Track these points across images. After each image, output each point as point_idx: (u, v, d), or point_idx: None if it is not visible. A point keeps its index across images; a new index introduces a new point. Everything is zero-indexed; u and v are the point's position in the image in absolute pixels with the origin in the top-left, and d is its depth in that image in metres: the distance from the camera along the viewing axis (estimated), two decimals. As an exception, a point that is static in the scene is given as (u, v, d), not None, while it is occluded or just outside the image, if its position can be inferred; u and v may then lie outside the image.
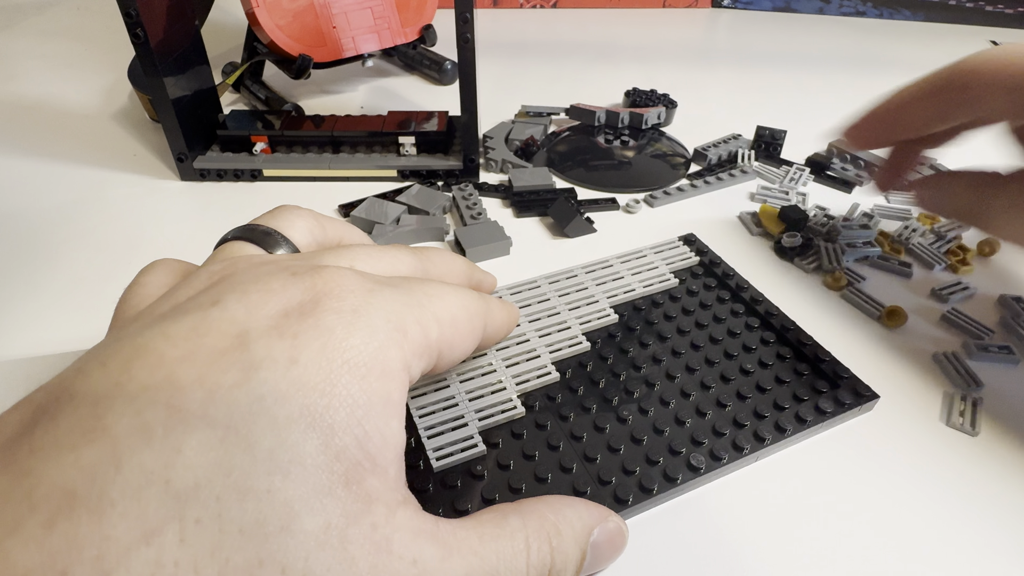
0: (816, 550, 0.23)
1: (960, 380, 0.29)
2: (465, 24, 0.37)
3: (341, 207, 0.40)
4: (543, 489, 0.23)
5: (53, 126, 0.50)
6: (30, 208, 0.41)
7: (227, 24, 0.66)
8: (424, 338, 0.19)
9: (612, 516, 0.21)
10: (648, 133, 0.48)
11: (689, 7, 0.76)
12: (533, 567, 0.18)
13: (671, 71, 0.61)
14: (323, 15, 0.48)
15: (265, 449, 0.15)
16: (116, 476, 0.14)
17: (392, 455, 0.17)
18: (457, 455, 0.24)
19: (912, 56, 0.64)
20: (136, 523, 0.13)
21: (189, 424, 0.14)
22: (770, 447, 0.25)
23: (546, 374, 0.27)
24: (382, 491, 0.16)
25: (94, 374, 0.15)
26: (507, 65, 0.61)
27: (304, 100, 0.54)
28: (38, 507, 0.13)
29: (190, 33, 0.42)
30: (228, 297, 0.17)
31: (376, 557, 0.15)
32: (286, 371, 0.16)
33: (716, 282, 0.33)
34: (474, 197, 0.40)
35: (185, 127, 0.41)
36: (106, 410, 0.14)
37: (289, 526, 0.14)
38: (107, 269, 0.36)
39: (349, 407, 0.16)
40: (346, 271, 0.19)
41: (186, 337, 0.16)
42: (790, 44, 0.67)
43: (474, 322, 0.22)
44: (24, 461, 0.14)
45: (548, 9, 0.75)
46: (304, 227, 0.24)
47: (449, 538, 0.17)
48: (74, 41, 0.65)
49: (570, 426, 0.26)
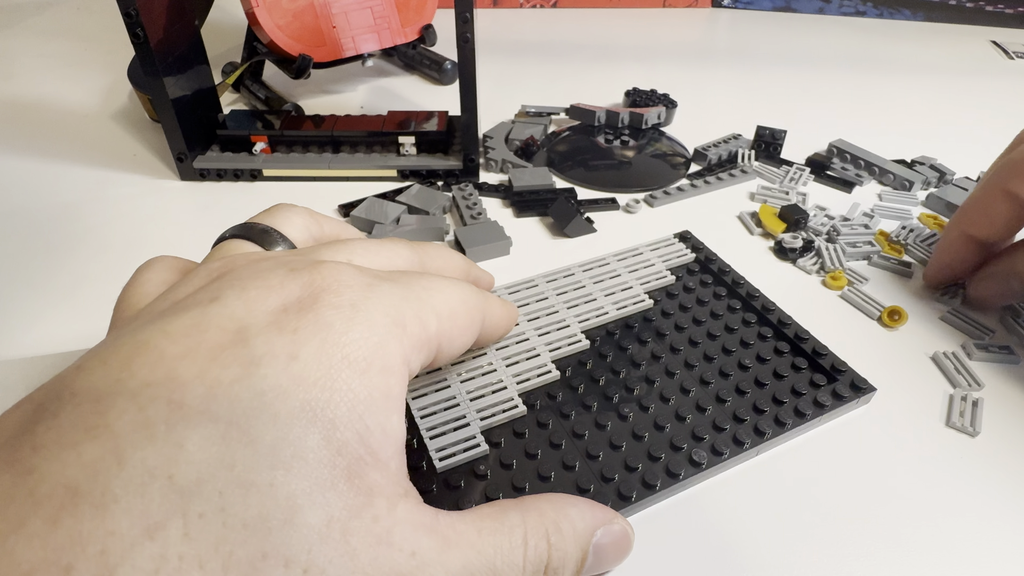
0: (816, 544, 0.23)
1: (960, 380, 0.29)
2: (465, 24, 0.37)
3: (341, 207, 0.40)
4: (546, 487, 0.23)
5: (53, 126, 0.50)
6: (30, 208, 0.41)
7: (227, 24, 0.66)
8: (423, 332, 0.19)
9: (618, 518, 0.21)
10: (648, 133, 0.48)
11: (689, 7, 0.77)
12: (530, 562, 0.18)
13: (671, 71, 0.61)
14: (323, 15, 0.48)
15: (267, 444, 0.15)
16: (119, 472, 0.14)
17: (393, 449, 0.17)
18: (460, 455, 0.24)
19: (912, 56, 0.65)
20: (140, 518, 0.13)
21: (191, 420, 0.14)
22: (770, 441, 0.25)
23: (546, 372, 0.27)
24: (383, 485, 0.16)
25: (95, 372, 0.15)
26: (507, 65, 0.61)
27: (304, 100, 0.54)
28: (41, 504, 0.13)
29: (190, 33, 0.42)
30: (227, 293, 0.17)
31: (377, 549, 0.15)
32: (286, 366, 0.16)
33: (712, 278, 0.33)
34: (474, 197, 0.40)
35: (185, 127, 0.41)
36: (108, 407, 0.14)
37: (292, 519, 0.14)
38: (107, 269, 0.36)
39: (350, 402, 0.16)
40: (344, 266, 0.19)
41: (186, 334, 0.16)
42: (790, 44, 0.67)
43: (472, 316, 0.22)
44: (27, 458, 0.14)
45: (548, 9, 0.76)
46: (301, 224, 0.24)
47: (448, 531, 0.17)
48: (74, 41, 0.65)
49: (572, 424, 0.26)
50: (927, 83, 0.59)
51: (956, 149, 0.48)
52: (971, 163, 0.46)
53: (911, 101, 0.56)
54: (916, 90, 0.58)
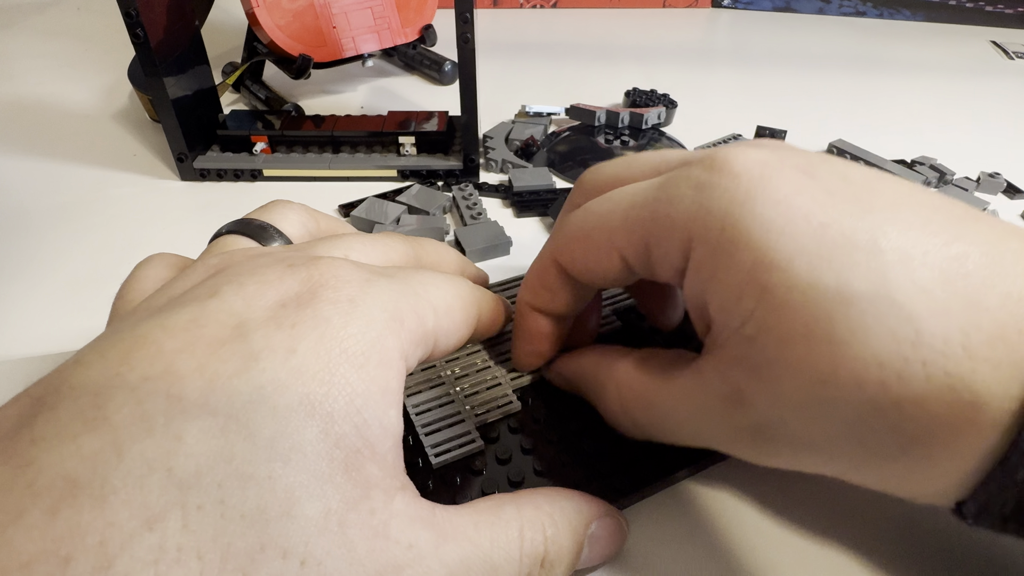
0: (812, 538, 0.23)
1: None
2: (465, 24, 0.37)
3: (341, 207, 0.40)
4: (542, 482, 0.23)
5: (53, 126, 0.51)
6: (30, 208, 0.41)
7: (227, 24, 0.66)
8: (420, 327, 0.19)
9: (612, 511, 0.21)
10: (648, 133, 0.49)
11: (689, 7, 0.77)
12: (526, 555, 0.18)
13: (671, 71, 0.61)
14: (323, 15, 0.48)
15: (265, 437, 0.15)
16: (118, 464, 0.14)
17: (390, 442, 0.17)
18: (455, 451, 0.24)
19: (912, 56, 0.65)
20: (139, 510, 0.13)
21: (189, 413, 0.15)
22: None
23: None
24: (381, 478, 0.16)
25: (94, 366, 0.15)
26: (507, 65, 0.62)
27: (304, 100, 0.54)
28: (40, 496, 0.13)
29: (190, 33, 0.42)
30: (225, 289, 0.17)
31: (374, 541, 0.15)
32: (285, 360, 0.16)
33: None
34: (474, 197, 0.40)
35: (185, 127, 0.42)
36: (106, 400, 0.14)
37: (290, 511, 0.15)
38: (107, 269, 0.36)
39: (348, 395, 0.16)
40: (342, 261, 0.19)
41: (185, 328, 0.16)
42: (790, 44, 0.67)
43: (468, 311, 0.22)
44: (25, 451, 0.14)
45: (548, 9, 0.76)
46: (297, 220, 0.24)
47: (445, 524, 0.17)
48: (74, 41, 0.66)
49: (566, 419, 0.26)
50: (927, 83, 0.59)
51: (956, 149, 0.48)
52: (971, 163, 0.46)
53: (911, 101, 0.56)
54: (916, 90, 0.58)
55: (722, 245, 0.18)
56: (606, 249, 0.21)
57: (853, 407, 0.16)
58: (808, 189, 0.18)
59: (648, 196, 0.20)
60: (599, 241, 0.21)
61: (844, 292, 0.16)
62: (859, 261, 0.16)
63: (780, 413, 0.18)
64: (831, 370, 0.16)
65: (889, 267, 0.16)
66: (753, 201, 0.17)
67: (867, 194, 0.18)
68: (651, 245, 0.20)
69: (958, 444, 0.16)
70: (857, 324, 0.16)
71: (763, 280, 0.17)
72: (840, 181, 0.18)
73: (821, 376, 0.16)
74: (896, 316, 0.16)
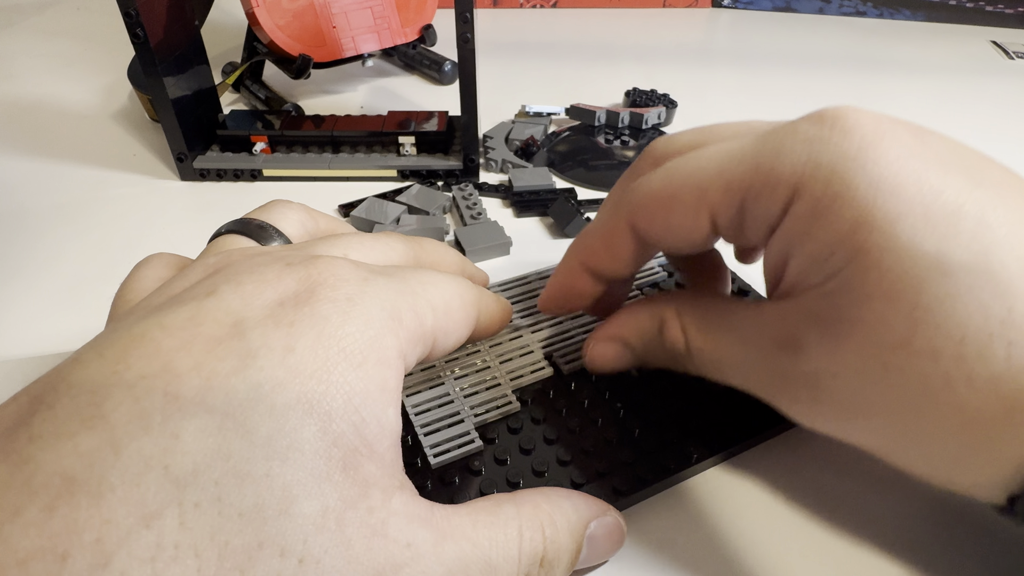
0: (811, 537, 0.23)
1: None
2: (465, 24, 0.37)
3: (341, 207, 0.40)
4: (541, 483, 0.23)
5: (53, 126, 0.51)
6: (30, 208, 0.41)
7: (227, 24, 0.66)
8: (419, 326, 0.19)
9: (611, 510, 0.21)
10: (648, 133, 0.49)
11: (689, 7, 0.77)
12: (525, 554, 0.18)
13: (671, 71, 0.61)
14: (323, 15, 0.48)
15: (263, 435, 0.15)
16: (115, 462, 0.14)
17: (389, 441, 0.17)
18: (454, 451, 0.24)
19: (912, 56, 0.65)
20: (136, 507, 0.13)
21: (187, 411, 0.15)
22: (766, 434, 0.25)
23: (540, 369, 0.27)
24: (379, 476, 0.16)
25: (91, 364, 0.15)
26: (507, 65, 0.62)
27: (304, 100, 0.54)
28: (38, 493, 0.13)
29: (190, 33, 0.42)
30: (224, 287, 0.17)
31: (372, 540, 0.15)
32: (283, 359, 0.16)
33: None
34: (474, 197, 0.40)
35: (185, 127, 0.42)
36: (104, 398, 0.14)
37: (288, 510, 0.15)
38: (107, 269, 0.36)
39: (346, 394, 0.16)
40: (340, 260, 0.19)
41: (182, 326, 0.16)
42: (790, 44, 0.67)
43: (467, 310, 0.22)
44: (23, 449, 0.14)
45: (548, 9, 0.76)
46: (296, 220, 0.24)
47: (443, 523, 0.17)
48: (74, 41, 0.66)
49: (565, 419, 0.26)
50: (927, 83, 0.59)
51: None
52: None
53: (911, 101, 0.56)
54: (916, 90, 0.58)
55: (825, 200, 0.17)
56: (694, 208, 0.20)
57: (920, 378, 0.16)
58: (921, 154, 0.17)
59: (748, 151, 0.19)
60: (687, 200, 0.20)
61: (943, 260, 0.16)
62: (964, 230, 0.16)
63: (835, 369, 0.17)
64: (907, 336, 0.16)
65: (995, 242, 0.16)
66: (865, 158, 0.17)
67: (976, 170, 0.17)
68: (748, 200, 0.19)
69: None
70: (948, 293, 0.16)
71: (860, 240, 0.17)
72: (951, 152, 0.18)
73: (894, 340, 0.16)
74: (992, 291, 0.15)
